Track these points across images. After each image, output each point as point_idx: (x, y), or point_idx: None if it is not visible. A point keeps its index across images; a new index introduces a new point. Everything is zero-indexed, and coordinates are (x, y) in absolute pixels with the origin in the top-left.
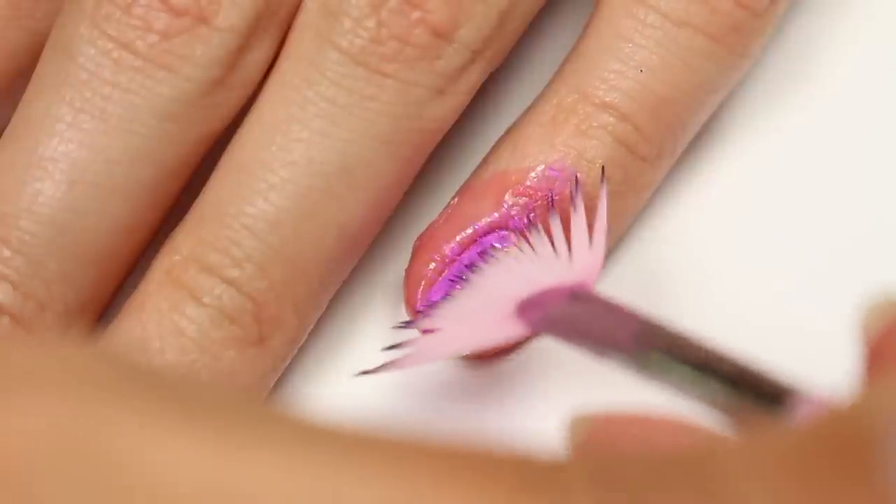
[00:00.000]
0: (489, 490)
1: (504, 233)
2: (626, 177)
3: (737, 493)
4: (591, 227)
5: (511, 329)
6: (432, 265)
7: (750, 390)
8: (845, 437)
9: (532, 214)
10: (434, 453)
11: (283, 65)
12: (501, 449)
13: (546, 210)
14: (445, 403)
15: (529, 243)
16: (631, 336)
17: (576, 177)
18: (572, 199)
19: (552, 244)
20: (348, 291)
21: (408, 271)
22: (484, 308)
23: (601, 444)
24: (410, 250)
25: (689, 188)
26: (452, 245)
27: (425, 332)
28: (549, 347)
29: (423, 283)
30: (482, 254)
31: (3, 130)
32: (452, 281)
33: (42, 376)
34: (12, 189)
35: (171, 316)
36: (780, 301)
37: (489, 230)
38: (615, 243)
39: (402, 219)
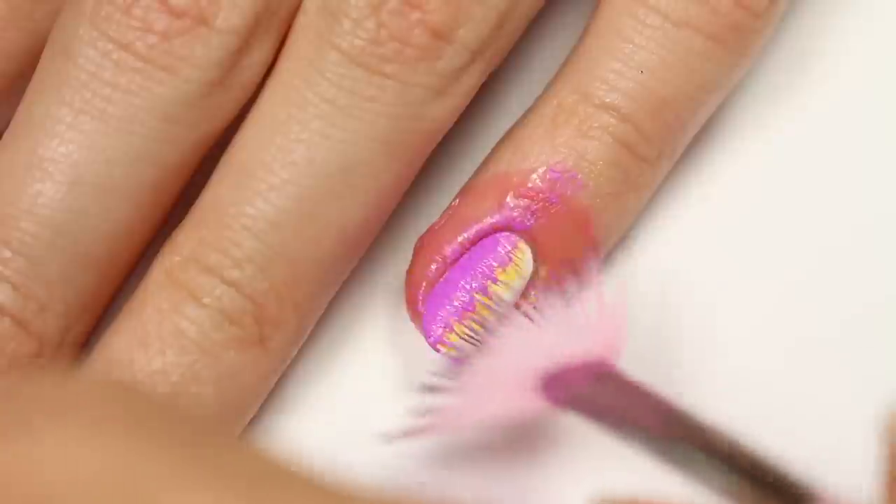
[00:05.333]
0: None
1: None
2: (626, 177)
3: None
4: (609, 300)
5: (534, 403)
6: (433, 266)
7: (771, 487)
8: None
9: (555, 279)
10: None
11: (283, 66)
12: None
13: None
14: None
15: (549, 311)
16: (656, 421)
17: (594, 246)
18: (591, 270)
19: (572, 314)
20: (348, 291)
21: (409, 272)
22: (504, 377)
23: None
24: (411, 251)
25: (689, 188)
26: (454, 246)
27: (446, 397)
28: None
29: (424, 284)
30: (498, 316)
31: (3, 131)
32: (463, 309)
33: (74, 410)
34: (13, 190)
35: (172, 317)
36: (780, 300)
37: (491, 231)
38: (616, 244)
39: (402, 219)
